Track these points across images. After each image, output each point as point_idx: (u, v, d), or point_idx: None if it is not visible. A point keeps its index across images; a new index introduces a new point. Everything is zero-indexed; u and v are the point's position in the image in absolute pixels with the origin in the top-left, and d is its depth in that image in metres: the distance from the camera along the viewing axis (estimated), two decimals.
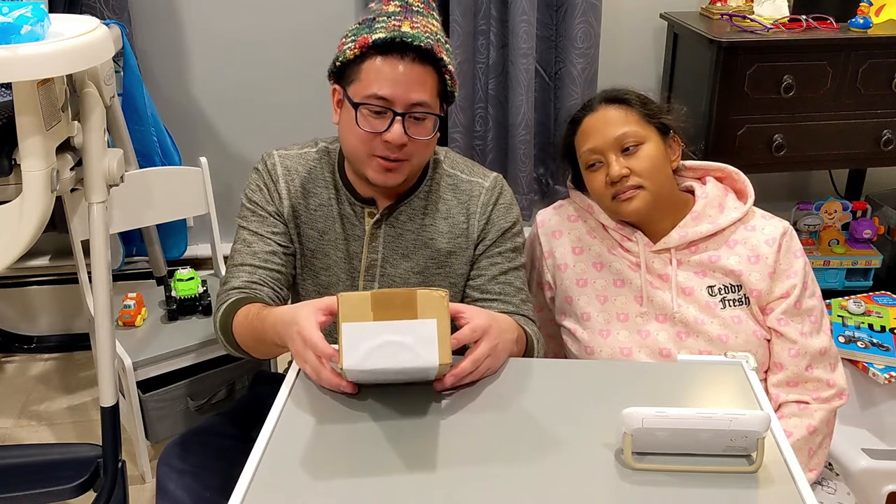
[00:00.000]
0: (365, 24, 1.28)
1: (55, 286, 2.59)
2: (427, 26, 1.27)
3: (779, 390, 1.41)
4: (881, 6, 2.30)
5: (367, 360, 0.99)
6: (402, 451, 0.99)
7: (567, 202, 1.56)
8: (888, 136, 2.24)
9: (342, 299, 1.00)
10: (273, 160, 1.43)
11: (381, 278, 1.42)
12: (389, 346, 0.99)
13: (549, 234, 1.53)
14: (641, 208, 1.38)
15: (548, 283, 1.54)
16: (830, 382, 1.41)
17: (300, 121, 2.54)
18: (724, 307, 1.40)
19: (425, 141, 1.30)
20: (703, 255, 1.42)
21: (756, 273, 1.39)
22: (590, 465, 0.96)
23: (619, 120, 1.39)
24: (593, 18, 2.38)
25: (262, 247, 1.39)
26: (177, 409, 1.94)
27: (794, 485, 0.93)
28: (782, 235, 1.41)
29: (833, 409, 1.41)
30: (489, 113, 2.49)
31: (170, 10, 2.44)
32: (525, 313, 1.41)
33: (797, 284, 1.39)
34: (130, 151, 2.12)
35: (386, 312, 0.99)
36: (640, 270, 1.43)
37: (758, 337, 1.40)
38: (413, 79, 1.25)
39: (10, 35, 1.25)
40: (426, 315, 1.00)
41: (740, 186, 1.48)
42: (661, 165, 1.39)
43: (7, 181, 1.54)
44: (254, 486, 0.92)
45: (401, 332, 0.99)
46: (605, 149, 1.39)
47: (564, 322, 1.51)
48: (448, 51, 1.30)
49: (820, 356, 1.40)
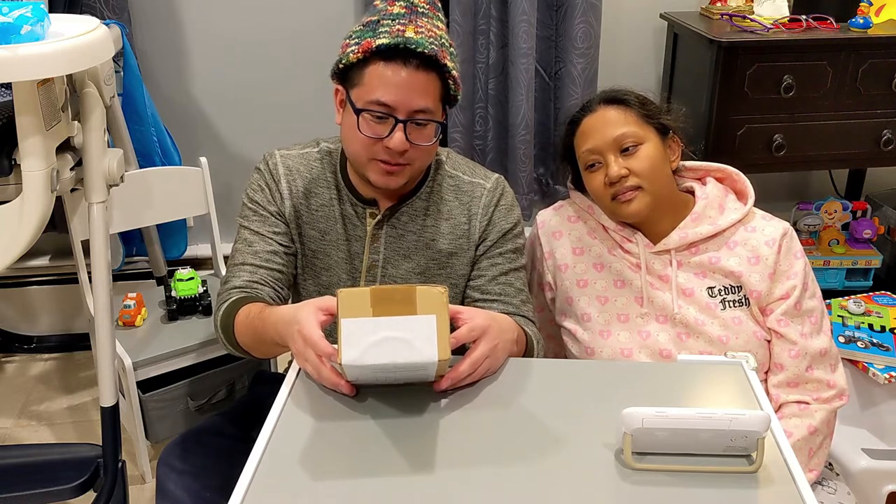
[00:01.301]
0: (369, 26, 1.27)
1: (55, 286, 2.59)
2: (432, 30, 1.26)
3: (779, 391, 1.41)
4: (881, 6, 2.30)
5: (366, 355, 0.98)
6: (402, 451, 0.99)
7: (567, 203, 1.56)
8: (888, 136, 2.24)
9: (341, 295, 1.00)
10: (275, 160, 1.42)
11: (383, 279, 1.42)
12: (388, 342, 0.99)
13: (550, 235, 1.53)
14: (641, 210, 1.38)
15: (548, 283, 1.54)
16: (831, 383, 1.40)
17: (300, 121, 2.54)
18: (724, 308, 1.40)
19: (427, 146, 1.30)
20: (703, 257, 1.42)
21: (756, 274, 1.39)
22: (590, 465, 0.96)
23: (617, 120, 1.39)
24: (593, 18, 2.38)
25: (263, 246, 1.39)
26: (177, 409, 1.94)
27: (794, 485, 0.93)
28: (782, 237, 1.41)
29: (833, 409, 1.41)
30: (489, 113, 2.49)
31: (170, 10, 2.44)
32: (525, 314, 1.41)
33: (797, 285, 1.39)
34: (130, 151, 2.12)
35: (385, 308, 0.99)
36: (641, 271, 1.43)
37: (758, 338, 1.40)
38: (416, 85, 1.24)
39: (10, 35, 1.25)
40: (425, 311, 1.00)
41: (740, 187, 1.48)
42: (661, 166, 1.39)
43: (7, 181, 1.53)
44: (254, 486, 0.92)
45: (400, 328, 0.99)
46: (604, 149, 1.39)
47: (565, 323, 1.51)
48: (452, 55, 1.29)
49: (820, 357, 1.40)
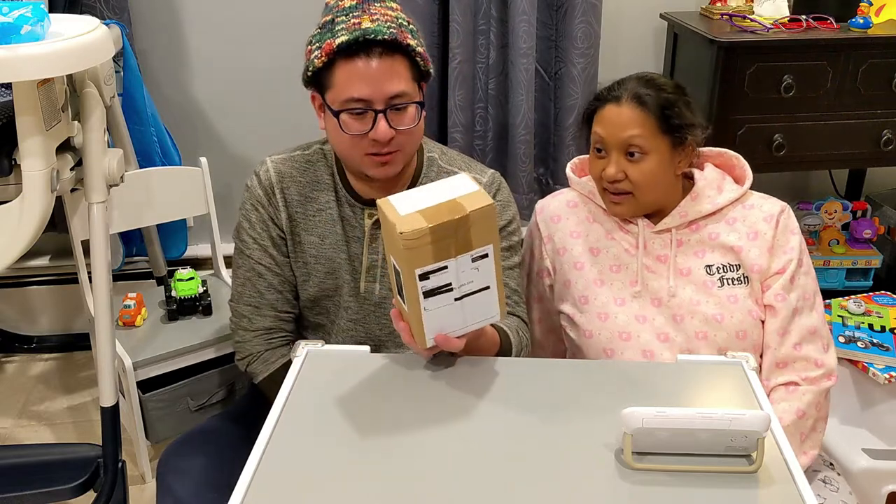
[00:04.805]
0: (326, 27, 1.28)
1: (55, 286, 2.59)
2: (386, 13, 1.26)
3: (769, 373, 1.42)
4: (881, 6, 2.30)
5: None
6: (402, 451, 0.99)
7: (567, 190, 1.58)
8: (888, 136, 2.24)
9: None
10: (266, 169, 1.42)
11: (382, 279, 1.42)
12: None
13: (548, 220, 1.55)
14: (625, 213, 1.44)
15: (547, 269, 1.55)
16: (819, 362, 1.41)
17: (300, 121, 2.52)
18: (721, 285, 1.41)
19: (413, 128, 1.30)
20: (703, 233, 1.44)
21: (755, 249, 1.42)
22: (590, 465, 0.96)
23: (633, 122, 1.37)
24: (593, 18, 2.38)
25: (270, 281, 1.44)
26: (177, 409, 1.94)
27: (794, 485, 0.93)
28: (780, 213, 1.44)
29: (822, 390, 1.41)
30: (489, 113, 2.49)
31: (170, 10, 2.44)
32: (518, 314, 1.41)
33: (793, 259, 1.42)
34: (130, 151, 2.12)
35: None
36: (638, 254, 1.45)
37: (753, 316, 1.41)
38: (385, 73, 1.25)
39: (10, 35, 1.25)
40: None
41: (738, 172, 1.50)
42: (660, 178, 1.40)
43: (7, 181, 1.53)
44: (254, 486, 0.92)
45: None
46: (611, 144, 1.40)
47: (563, 307, 1.53)
48: (413, 32, 1.29)
49: (810, 334, 1.41)
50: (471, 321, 1.11)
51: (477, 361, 1.18)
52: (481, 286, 1.08)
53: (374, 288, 1.43)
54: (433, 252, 1.01)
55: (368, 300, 1.44)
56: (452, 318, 1.09)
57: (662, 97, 1.38)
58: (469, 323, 1.11)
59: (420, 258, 1.01)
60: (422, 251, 1.01)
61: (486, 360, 1.19)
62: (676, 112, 1.38)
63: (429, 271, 1.03)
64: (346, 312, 1.45)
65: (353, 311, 1.45)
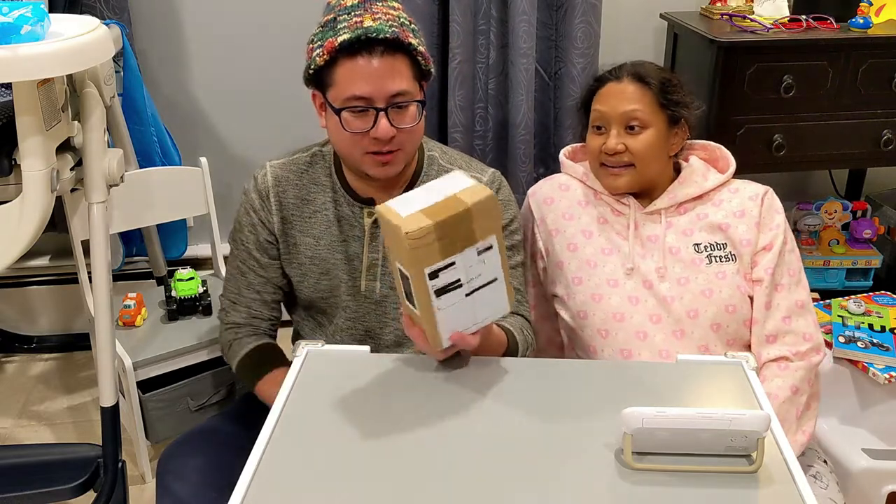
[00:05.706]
0: (328, 25, 1.28)
1: (55, 286, 2.59)
2: (388, 12, 1.27)
3: (759, 348, 1.45)
4: (881, 6, 2.30)
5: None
6: (403, 451, 0.99)
7: (559, 174, 1.61)
8: (888, 136, 2.24)
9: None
10: (264, 171, 1.44)
11: (383, 277, 1.42)
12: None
13: (541, 202, 1.59)
14: (625, 186, 1.48)
15: (539, 251, 1.58)
16: (807, 336, 1.44)
17: (300, 121, 2.53)
18: (709, 263, 1.45)
19: (413, 127, 1.30)
20: (691, 214, 1.49)
21: (743, 225, 1.46)
22: (590, 465, 0.96)
23: (633, 98, 1.45)
24: (593, 18, 2.38)
25: (250, 279, 1.47)
26: (177, 409, 1.94)
27: (794, 485, 0.93)
28: (765, 193, 1.50)
29: (812, 365, 1.44)
30: (489, 113, 2.49)
31: (170, 10, 2.44)
32: (521, 313, 1.41)
33: (779, 235, 1.46)
34: (130, 151, 2.12)
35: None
36: (629, 235, 1.48)
37: (741, 291, 1.44)
38: (386, 71, 1.25)
39: (10, 35, 1.25)
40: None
41: (722, 164, 1.55)
42: (658, 152, 1.46)
43: (7, 181, 1.53)
44: (254, 486, 0.92)
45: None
46: (612, 119, 1.45)
47: (556, 290, 1.54)
48: (415, 31, 1.30)
49: (798, 308, 1.45)
50: (482, 316, 1.13)
51: (477, 361, 1.19)
52: (489, 279, 1.09)
53: (375, 286, 1.43)
54: (440, 249, 1.02)
55: (369, 298, 1.44)
56: (465, 315, 1.10)
57: (661, 76, 1.47)
58: (480, 319, 1.12)
59: (427, 256, 1.02)
60: (428, 249, 1.01)
61: (485, 359, 1.20)
62: (674, 89, 1.47)
63: (437, 269, 1.04)
64: (345, 312, 1.45)
65: (351, 311, 1.45)
